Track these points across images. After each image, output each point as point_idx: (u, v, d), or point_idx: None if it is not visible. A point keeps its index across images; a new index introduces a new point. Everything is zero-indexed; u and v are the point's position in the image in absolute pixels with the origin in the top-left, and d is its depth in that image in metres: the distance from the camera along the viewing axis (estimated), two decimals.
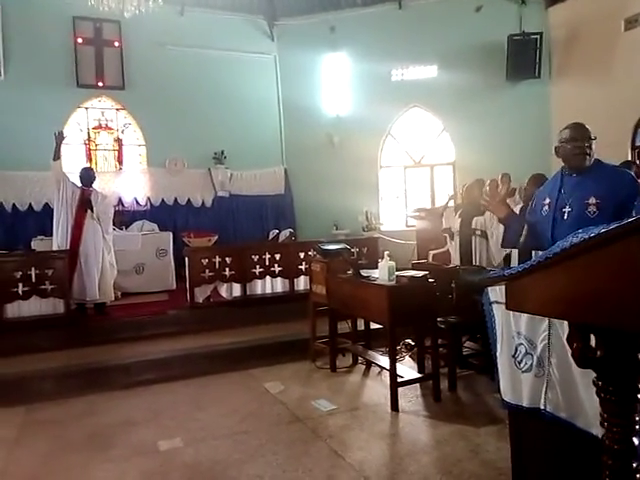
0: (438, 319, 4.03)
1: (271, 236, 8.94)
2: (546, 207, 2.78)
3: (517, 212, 3.73)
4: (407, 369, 4.22)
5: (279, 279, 6.54)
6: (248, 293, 6.35)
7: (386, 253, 4.00)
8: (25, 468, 3.07)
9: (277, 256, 6.50)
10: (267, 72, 10.54)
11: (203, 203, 9.76)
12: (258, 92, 10.35)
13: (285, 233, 8.58)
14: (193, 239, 7.06)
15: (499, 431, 3.21)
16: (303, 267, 6.49)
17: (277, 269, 6.48)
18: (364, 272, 4.29)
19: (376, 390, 4.16)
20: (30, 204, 8.50)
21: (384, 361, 4.17)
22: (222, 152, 9.79)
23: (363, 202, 9.72)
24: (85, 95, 9.26)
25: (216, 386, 4.43)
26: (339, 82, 10.35)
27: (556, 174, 2.87)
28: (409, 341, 5.17)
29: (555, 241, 2.65)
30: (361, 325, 4.93)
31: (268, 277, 6.48)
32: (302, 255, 6.55)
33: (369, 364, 4.66)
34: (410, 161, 10.31)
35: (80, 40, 9.14)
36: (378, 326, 4.59)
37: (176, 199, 9.55)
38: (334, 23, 10.20)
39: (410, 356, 4.94)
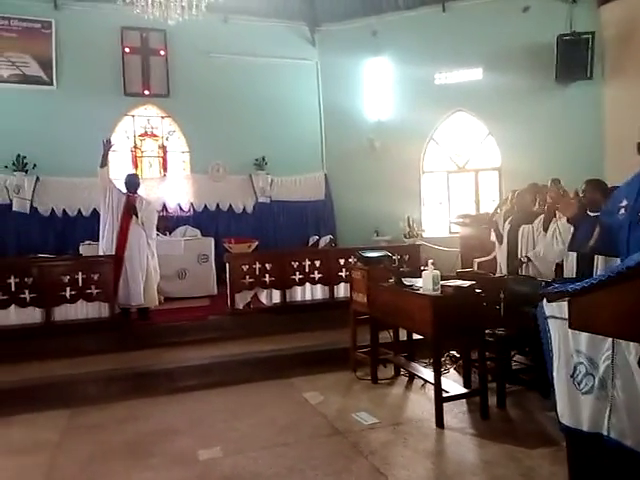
0: (485, 331, 3.84)
1: (311, 242, 8.89)
2: (622, 210, 2.54)
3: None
4: (452, 383, 4.04)
5: (319, 286, 6.46)
6: (288, 300, 6.30)
7: (430, 261, 3.85)
8: (67, 474, 3.09)
9: (317, 262, 6.43)
10: (308, 78, 10.55)
11: (244, 209, 9.83)
12: (299, 98, 10.37)
13: (325, 239, 8.52)
14: (234, 245, 7.09)
15: (553, 454, 3.01)
16: (343, 274, 6.39)
17: (317, 276, 6.41)
18: (406, 281, 4.15)
19: (420, 404, 4.01)
20: (79, 209, 8.78)
21: (428, 374, 4.01)
22: (263, 158, 9.85)
23: (405, 208, 9.52)
24: (132, 103, 9.51)
25: (256, 395, 4.39)
26: (381, 86, 10.24)
27: (637, 173, 2.60)
28: (454, 353, 4.98)
29: (630, 248, 2.43)
30: (403, 335, 4.77)
31: (308, 284, 6.41)
32: (342, 262, 6.45)
33: (412, 376, 4.50)
34: (454, 166, 10.07)
35: (127, 49, 9.41)
36: (421, 336, 4.44)
37: (218, 205, 9.65)
38: (376, 27, 10.11)
39: (455, 369, 4.75)
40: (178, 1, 5.75)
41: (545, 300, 2.64)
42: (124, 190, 5.95)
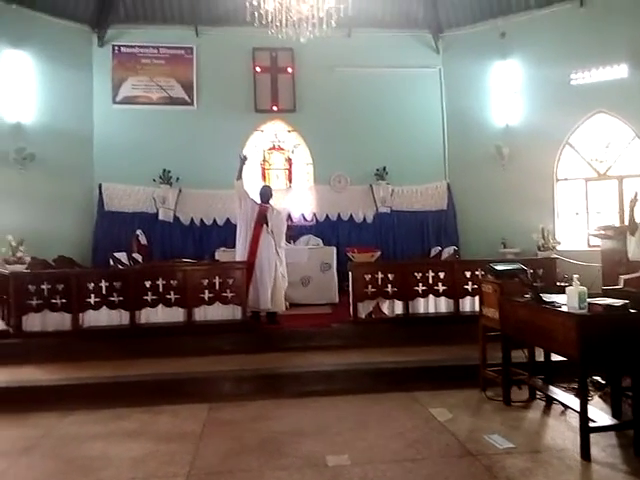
0: None
1: (433, 253, 8.68)
2: None
3: None
4: (598, 412, 3.66)
5: (443, 299, 6.26)
6: (410, 311, 6.19)
7: (575, 277, 3.55)
8: (209, 464, 3.32)
9: (441, 274, 6.23)
10: (431, 85, 10.41)
11: (364, 219, 9.93)
12: (421, 106, 10.27)
13: (449, 250, 8.26)
14: (357, 254, 7.17)
15: None
16: (469, 287, 6.14)
17: (441, 288, 6.22)
18: (545, 297, 3.87)
19: (560, 432, 3.68)
20: (214, 219, 9.55)
21: (570, 400, 3.68)
22: (384, 168, 9.89)
23: (535, 219, 8.89)
24: (261, 119, 10.13)
25: (380, 406, 4.36)
26: (509, 90, 9.75)
27: None
28: (597, 379, 4.52)
29: None
30: (539, 355, 4.44)
31: (431, 296, 6.24)
32: (468, 274, 6.19)
33: (550, 401, 4.16)
34: (593, 173, 9.22)
35: (258, 69, 10.05)
36: (560, 358, 4.09)
37: (339, 215, 9.88)
38: (504, 29, 9.70)
39: (600, 396, 4.30)
40: (310, 19, 6.00)
41: None
42: (258, 200, 6.31)
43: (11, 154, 8.68)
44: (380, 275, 6.18)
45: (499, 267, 4.54)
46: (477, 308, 5.11)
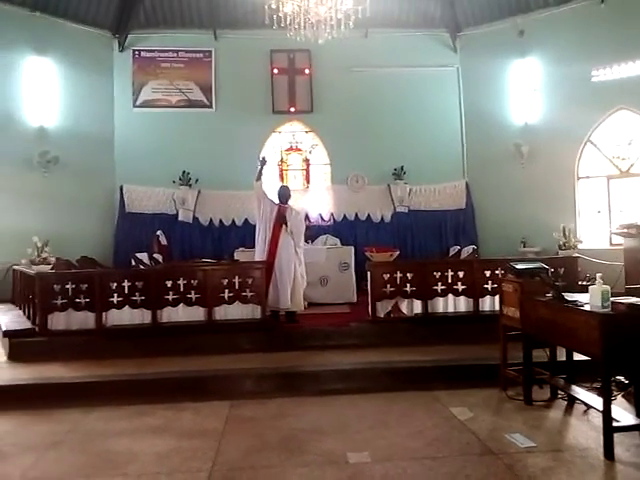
0: None
1: (452, 252, 8.64)
2: None
3: None
4: (622, 411, 3.61)
5: (462, 298, 6.23)
6: (429, 311, 6.18)
7: (598, 275, 3.51)
8: (231, 459, 3.37)
9: (460, 274, 6.19)
10: (449, 85, 10.37)
11: (382, 218, 9.93)
12: (439, 105, 10.24)
13: (468, 249, 8.22)
14: (375, 253, 7.18)
15: None
16: (489, 286, 6.10)
17: (460, 287, 6.18)
18: (568, 296, 3.84)
19: (582, 431, 3.65)
20: (233, 219, 9.65)
21: (593, 399, 3.64)
22: (402, 168, 9.88)
23: (556, 217, 8.80)
24: (279, 120, 10.21)
25: (399, 404, 4.36)
26: (528, 88, 9.66)
27: None
28: (620, 378, 4.46)
29: None
30: (561, 355, 4.40)
31: (450, 295, 6.22)
32: (488, 274, 6.15)
33: (572, 400, 4.12)
34: (615, 171, 9.08)
35: (276, 70, 10.13)
36: (582, 357, 4.05)
37: (357, 214, 9.90)
38: (523, 27, 9.63)
39: (623, 396, 4.25)
40: (327, 21, 6.04)
41: None
42: (276, 201, 6.37)
43: (35, 157, 8.91)
44: (399, 274, 6.17)
45: (520, 266, 4.51)
46: (497, 307, 5.08)
